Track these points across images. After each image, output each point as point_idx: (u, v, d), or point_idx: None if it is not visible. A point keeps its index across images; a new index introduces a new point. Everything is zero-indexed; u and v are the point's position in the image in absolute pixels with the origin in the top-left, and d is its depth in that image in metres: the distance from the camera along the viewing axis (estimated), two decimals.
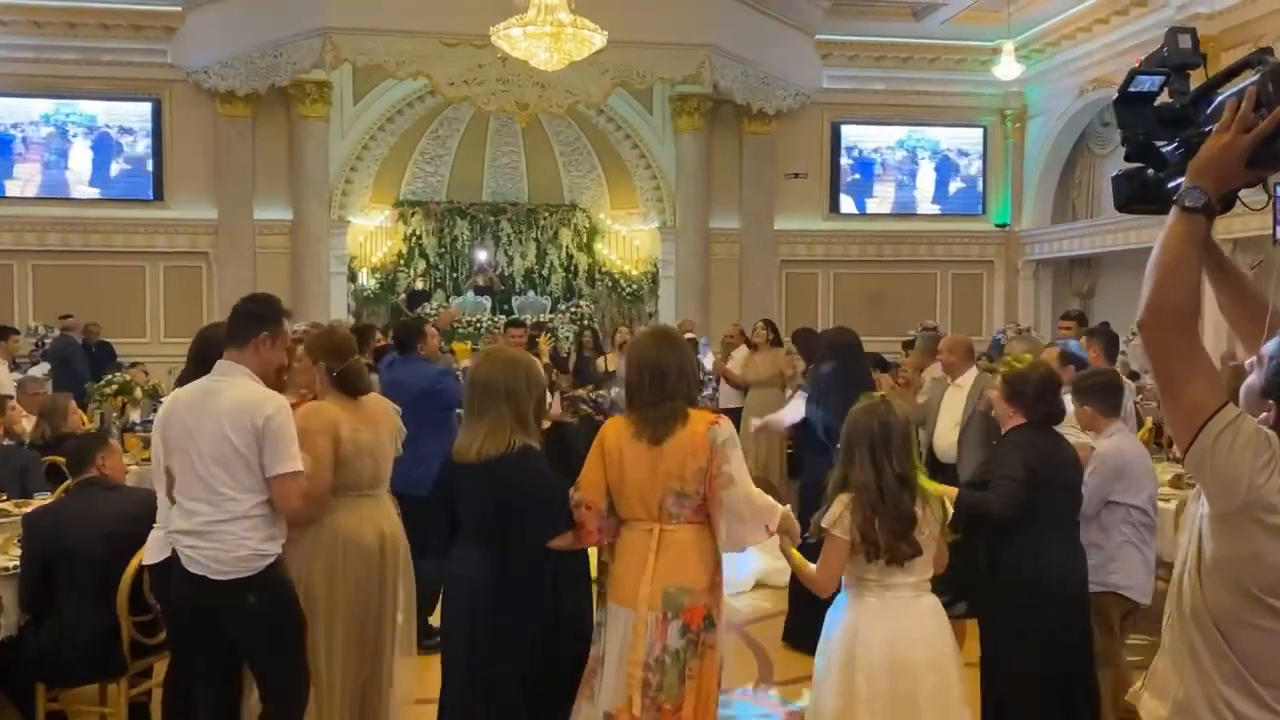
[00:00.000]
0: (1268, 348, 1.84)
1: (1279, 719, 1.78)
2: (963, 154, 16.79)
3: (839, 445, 3.45)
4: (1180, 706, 1.87)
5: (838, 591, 3.36)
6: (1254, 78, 1.77)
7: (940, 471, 5.25)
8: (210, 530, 3.40)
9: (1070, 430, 4.27)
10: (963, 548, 3.55)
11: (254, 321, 3.56)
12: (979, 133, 16.69)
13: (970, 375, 6.21)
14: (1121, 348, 12.37)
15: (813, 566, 3.34)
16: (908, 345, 7.78)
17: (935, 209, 16.80)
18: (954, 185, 16.81)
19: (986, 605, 3.86)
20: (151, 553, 3.72)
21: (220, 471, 3.39)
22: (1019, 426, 3.88)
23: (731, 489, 3.15)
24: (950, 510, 3.40)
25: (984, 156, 16.73)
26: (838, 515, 3.21)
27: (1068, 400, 4.35)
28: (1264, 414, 1.82)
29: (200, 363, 3.71)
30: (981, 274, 16.93)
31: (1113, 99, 2.03)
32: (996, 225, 16.70)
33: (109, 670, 4.03)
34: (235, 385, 3.48)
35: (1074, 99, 15.16)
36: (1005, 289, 16.79)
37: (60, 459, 5.85)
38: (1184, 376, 1.78)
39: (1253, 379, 1.88)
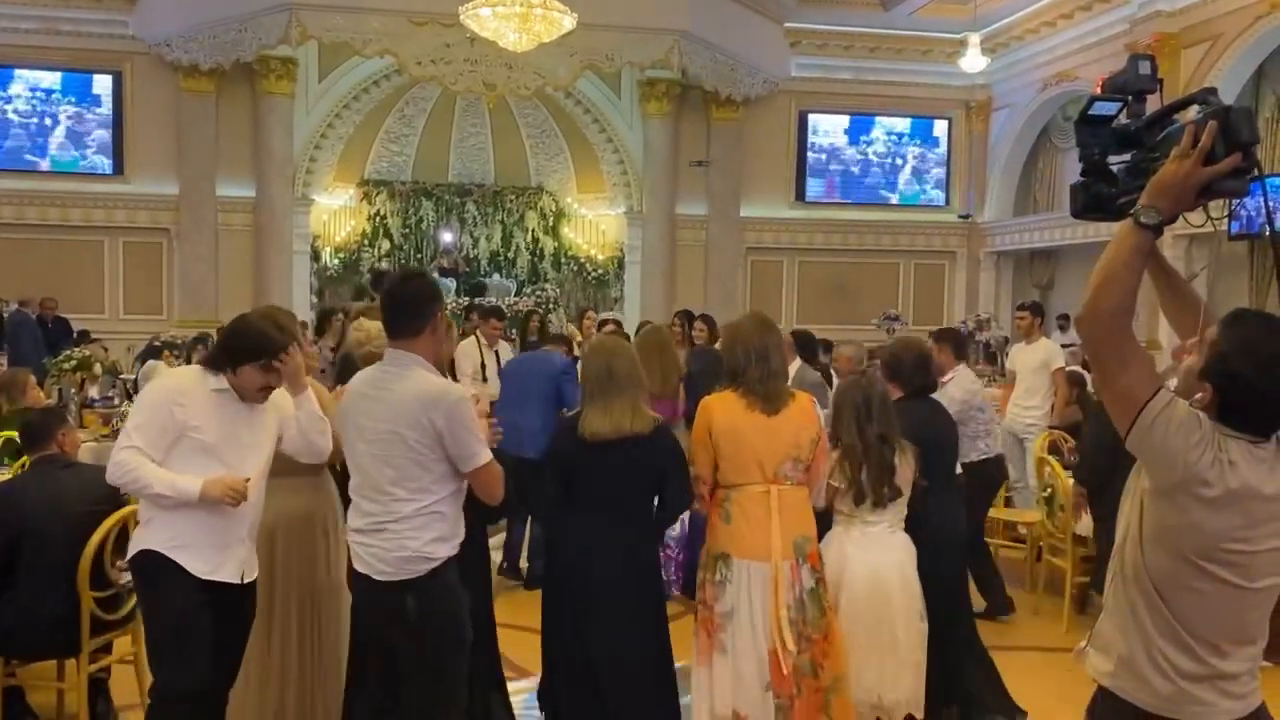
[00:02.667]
0: (1209, 333, 1.99)
1: (1209, 669, 2.00)
2: (927, 145, 16.95)
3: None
4: (1123, 661, 2.07)
5: None
6: (1198, 115, 1.95)
7: None
8: (378, 529, 3.15)
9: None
10: None
11: (419, 304, 3.21)
12: (944, 124, 16.85)
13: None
14: (1078, 339, 12.56)
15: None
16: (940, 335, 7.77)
17: (899, 199, 16.96)
18: (918, 176, 16.97)
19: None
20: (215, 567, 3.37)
21: (390, 470, 3.12)
22: (900, 399, 4.34)
23: (826, 461, 3.90)
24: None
25: (948, 148, 16.90)
26: (831, 467, 3.94)
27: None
28: (1200, 394, 2.00)
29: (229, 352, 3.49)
30: (944, 264, 17.13)
31: (1078, 94, 2.22)
32: (959, 216, 16.89)
33: (69, 646, 4.02)
34: (410, 378, 3.15)
35: (1037, 93, 15.34)
36: (967, 279, 17.00)
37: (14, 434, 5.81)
38: (1118, 368, 1.97)
39: (1191, 360, 2.07)
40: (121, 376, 8.95)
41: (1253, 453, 1.95)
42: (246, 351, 3.30)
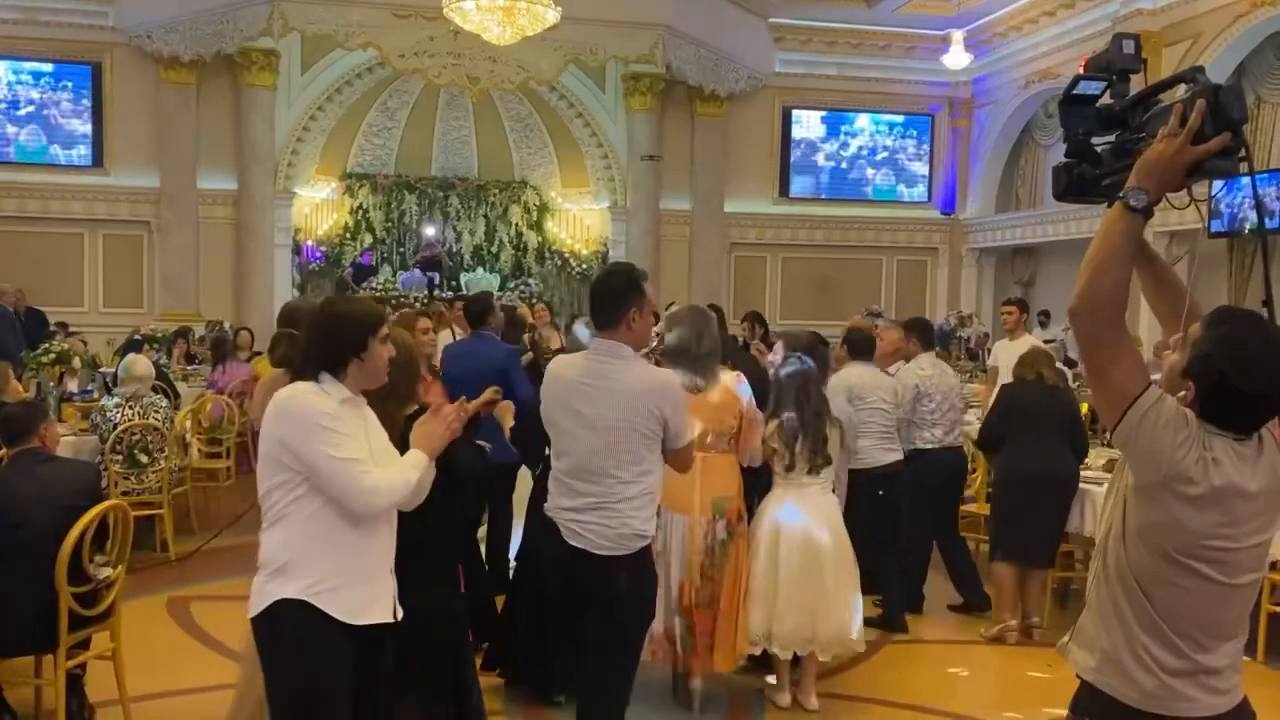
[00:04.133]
0: (1193, 330, 1.98)
1: (1192, 664, 2.00)
2: (910, 141, 16.99)
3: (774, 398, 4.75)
4: (1107, 657, 2.06)
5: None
6: (1186, 94, 1.90)
7: None
8: (597, 507, 3.29)
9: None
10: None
11: (621, 297, 3.34)
12: (927, 121, 16.90)
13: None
14: (1059, 335, 12.70)
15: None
16: (909, 325, 7.93)
17: (882, 195, 17.00)
18: (901, 172, 17.02)
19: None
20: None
21: (619, 456, 3.27)
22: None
23: (754, 429, 4.48)
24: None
25: (931, 145, 16.95)
26: (770, 433, 4.63)
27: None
28: (1183, 392, 1.99)
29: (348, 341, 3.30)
30: (926, 260, 17.19)
31: (1059, 93, 2.16)
32: (942, 213, 16.94)
33: (47, 642, 3.98)
34: (633, 369, 3.33)
35: (1019, 90, 15.40)
36: (949, 276, 17.07)
37: None
38: (1110, 361, 1.94)
39: (1175, 358, 2.04)
40: (101, 370, 8.88)
41: (1236, 450, 1.95)
42: (365, 327, 2.88)
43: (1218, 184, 2.11)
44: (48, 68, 14.22)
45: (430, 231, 16.46)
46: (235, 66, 14.32)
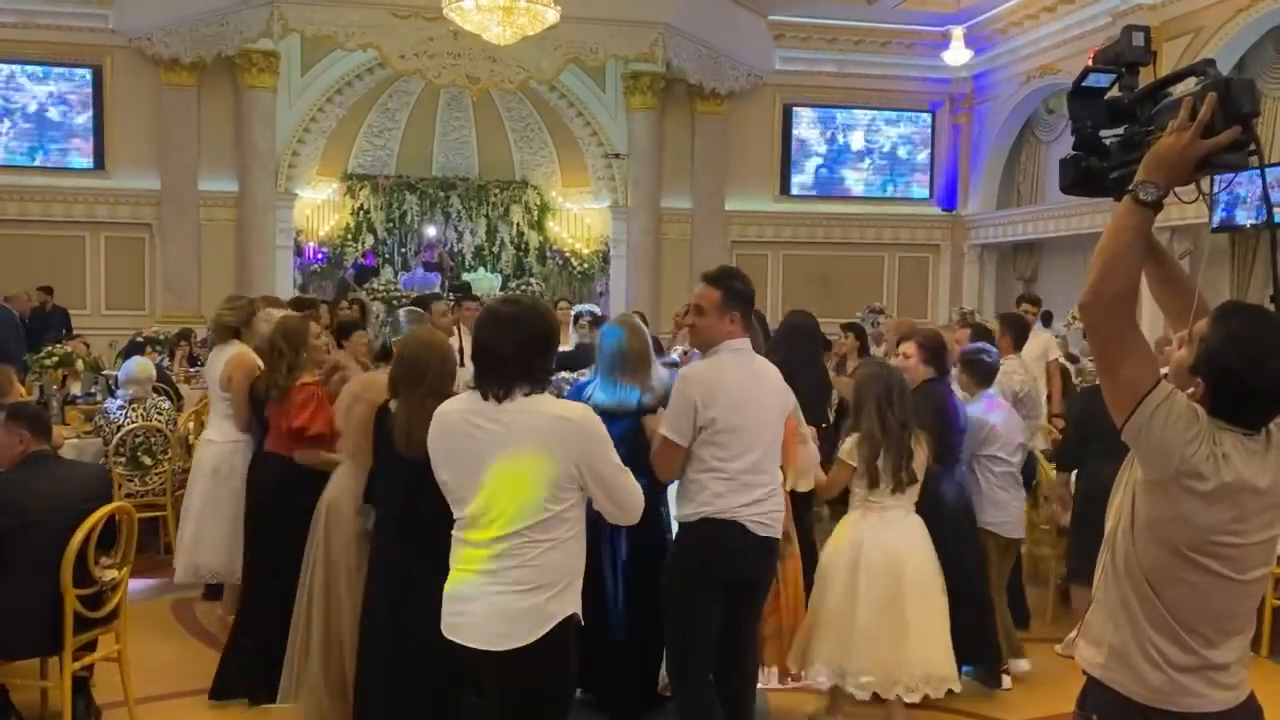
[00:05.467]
0: (1199, 327, 1.96)
1: (1200, 659, 2.00)
2: (911, 138, 16.97)
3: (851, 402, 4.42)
4: (1114, 652, 2.06)
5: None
6: (1196, 87, 1.88)
7: None
8: (769, 495, 3.64)
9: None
10: None
11: (745, 301, 3.76)
12: (927, 117, 16.88)
13: None
14: (1061, 331, 12.70)
15: (824, 477, 4.35)
16: (847, 327, 7.93)
17: (884, 192, 16.99)
18: (902, 169, 17.00)
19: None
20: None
21: (776, 447, 3.70)
22: (929, 380, 4.68)
23: (806, 447, 4.17)
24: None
25: (932, 141, 16.92)
26: (849, 449, 4.23)
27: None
28: (1191, 389, 1.98)
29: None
30: (928, 257, 17.16)
31: (1060, 88, 2.15)
32: (943, 209, 16.93)
33: (53, 644, 3.98)
34: (769, 367, 3.81)
35: (1020, 86, 15.38)
36: (951, 272, 17.05)
37: None
38: (1121, 356, 1.93)
39: (1182, 354, 2.03)
40: (104, 373, 8.88)
41: (1245, 445, 1.94)
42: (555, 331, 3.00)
43: (1222, 178, 2.08)
44: (49, 71, 14.22)
45: (432, 231, 16.46)
46: (235, 68, 14.31)
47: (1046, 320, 14.48)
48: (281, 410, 4.63)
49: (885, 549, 4.12)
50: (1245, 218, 11.27)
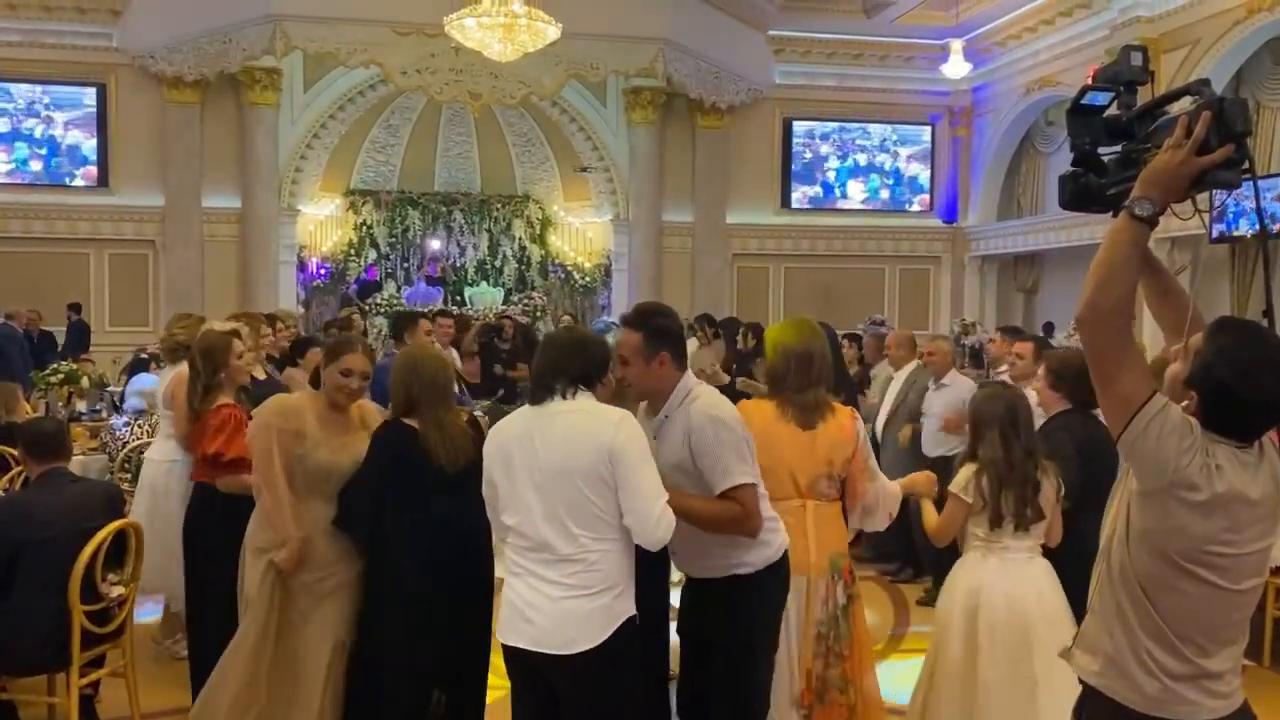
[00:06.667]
0: (1194, 340, 2.00)
1: (1195, 668, 2.02)
2: (911, 150, 17.03)
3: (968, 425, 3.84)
4: (1110, 661, 2.09)
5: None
6: (1192, 106, 1.94)
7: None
8: None
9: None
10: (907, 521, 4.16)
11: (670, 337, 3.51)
12: (927, 130, 16.94)
13: (910, 367, 6.77)
14: (1064, 343, 12.71)
15: (935, 520, 3.79)
16: (849, 338, 7.97)
17: (884, 205, 17.04)
18: (902, 181, 17.05)
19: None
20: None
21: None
22: (1063, 411, 4.17)
23: (875, 483, 3.67)
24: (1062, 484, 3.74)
25: (932, 153, 16.98)
26: (964, 483, 3.66)
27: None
28: (1185, 401, 2.02)
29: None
30: (928, 269, 17.20)
31: (1059, 100, 2.21)
32: (943, 221, 16.97)
33: (60, 659, 4.00)
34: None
35: (1019, 98, 15.44)
36: (951, 284, 17.08)
37: (7, 448, 5.79)
38: (1117, 369, 1.97)
39: (1176, 367, 2.07)
40: (108, 389, 8.92)
41: (1238, 457, 1.97)
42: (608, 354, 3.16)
43: (1218, 195, 2.13)
44: (53, 89, 14.31)
45: (436, 245, 16.52)
46: (238, 85, 14.40)
47: (1048, 332, 14.57)
48: (197, 435, 4.31)
49: (1009, 597, 3.59)
50: (1246, 228, 11.31)
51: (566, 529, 2.76)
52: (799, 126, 16.56)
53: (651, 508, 2.75)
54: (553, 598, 2.76)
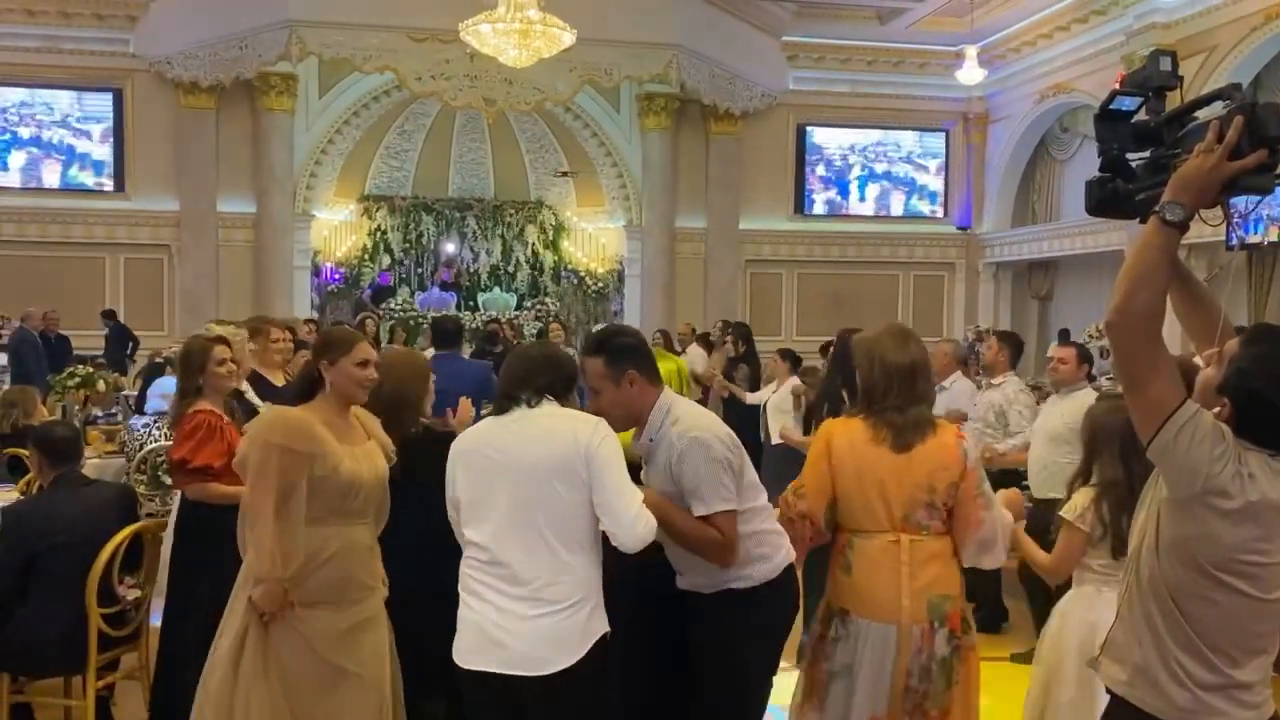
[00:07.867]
0: (1229, 347, 1.98)
1: (1225, 678, 1.99)
2: (925, 157, 17.00)
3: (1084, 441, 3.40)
4: (1139, 670, 2.05)
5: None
6: (1223, 110, 1.91)
7: None
8: None
9: None
10: None
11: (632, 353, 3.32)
12: (941, 136, 16.91)
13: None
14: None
15: (1044, 554, 3.34)
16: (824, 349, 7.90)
17: (898, 211, 17.01)
18: (917, 188, 17.02)
19: None
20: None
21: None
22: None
23: (991, 511, 3.12)
24: None
25: (946, 160, 16.95)
26: (1080, 509, 3.22)
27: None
28: (1217, 408, 1.99)
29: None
30: (943, 276, 17.15)
31: (1075, 107, 2.18)
32: (958, 228, 16.93)
33: (77, 662, 4.01)
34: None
35: (1034, 104, 15.39)
36: (966, 291, 17.03)
37: (23, 451, 5.80)
38: (1148, 375, 1.94)
39: (1209, 373, 2.05)
40: (124, 393, 8.95)
41: (1270, 465, 1.95)
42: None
43: (1250, 201, 2.10)
44: (70, 95, 14.41)
45: (449, 250, 16.55)
46: (254, 91, 14.47)
47: (1064, 338, 14.50)
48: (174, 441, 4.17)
49: None
50: (1259, 235, 11.26)
51: (538, 534, 2.66)
52: (813, 132, 16.54)
53: (629, 505, 2.66)
54: (525, 616, 2.64)
